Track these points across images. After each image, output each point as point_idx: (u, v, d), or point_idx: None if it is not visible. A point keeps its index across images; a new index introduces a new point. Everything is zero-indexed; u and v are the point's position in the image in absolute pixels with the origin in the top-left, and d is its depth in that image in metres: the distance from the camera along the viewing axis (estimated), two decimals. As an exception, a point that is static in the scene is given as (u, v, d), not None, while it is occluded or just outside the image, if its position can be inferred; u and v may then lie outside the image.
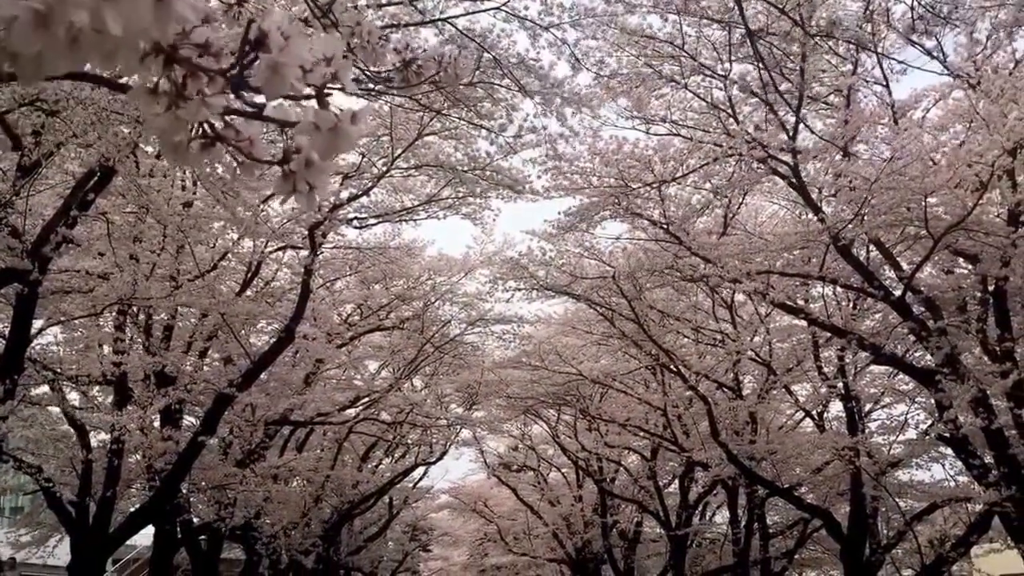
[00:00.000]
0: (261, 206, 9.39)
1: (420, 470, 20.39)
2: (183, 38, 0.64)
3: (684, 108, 10.82)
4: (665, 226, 10.78)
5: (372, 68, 2.05)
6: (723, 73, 9.30)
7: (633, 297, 12.00)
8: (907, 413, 12.85)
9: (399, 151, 10.23)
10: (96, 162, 6.44)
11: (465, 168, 10.76)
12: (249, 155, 0.82)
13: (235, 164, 0.84)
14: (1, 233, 6.24)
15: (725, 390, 13.25)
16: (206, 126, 0.75)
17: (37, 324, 9.10)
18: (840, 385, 11.33)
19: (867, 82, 9.39)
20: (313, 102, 0.79)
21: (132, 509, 11.15)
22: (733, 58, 9.06)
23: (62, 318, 9.98)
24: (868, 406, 13.27)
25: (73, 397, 10.87)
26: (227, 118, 0.77)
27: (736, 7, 5.59)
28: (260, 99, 0.82)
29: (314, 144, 0.81)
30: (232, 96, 0.75)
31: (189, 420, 12.05)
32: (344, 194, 10.68)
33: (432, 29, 8.18)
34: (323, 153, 0.83)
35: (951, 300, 8.98)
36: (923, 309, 8.71)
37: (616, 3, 8.43)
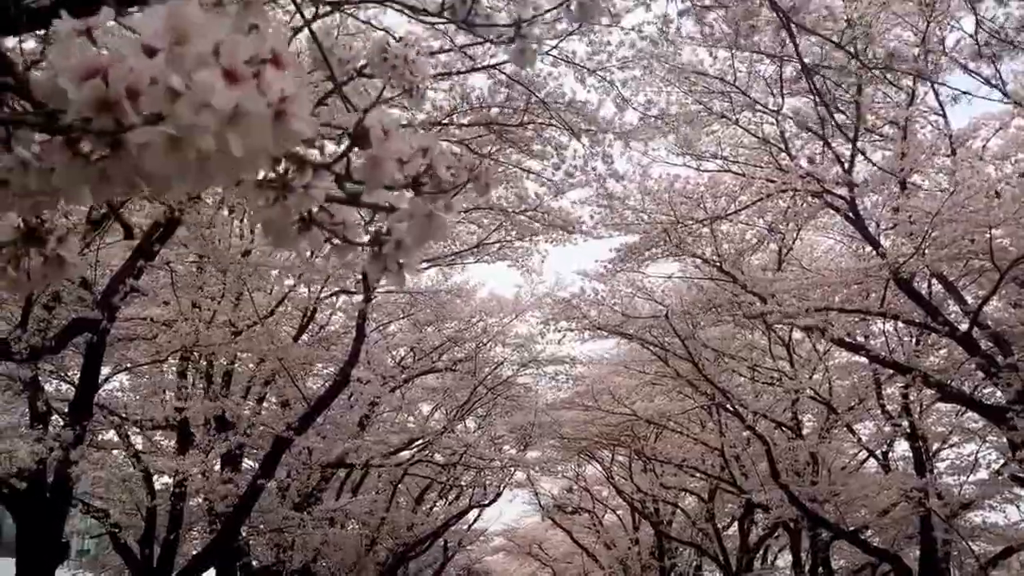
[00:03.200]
0: (315, 253, 9.50)
1: (474, 512, 20.28)
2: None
3: (735, 144, 10.80)
4: (718, 264, 10.72)
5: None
6: (775, 108, 9.27)
7: (687, 336, 11.88)
8: (978, 452, 12.49)
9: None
10: (162, 214, 6.59)
11: (515, 210, 10.81)
12: (344, 238, 0.84)
13: (329, 246, 0.87)
14: (73, 285, 6.39)
15: (784, 430, 13.02)
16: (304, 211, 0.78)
17: (104, 371, 9.29)
18: (905, 424, 11.07)
19: (923, 112, 9.30)
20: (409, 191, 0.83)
21: (194, 552, 11.22)
22: (785, 92, 9.03)
23: (128, 365, 10.21)
24: (936, 445, 12.92)
25: (137, 441, 11.07)
26: (325, 204, 0.80)
27: (791, 42, 5.57)
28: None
29: (409, 230, 0.84)
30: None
31: (248, 464, 12.15)
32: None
33: (483, 74, 8.29)
34: (416, 239, 0.85)
35: (1020, 335, 8.75)
36: (991, 344, 8.51)
37: (667, 44, 8.46)
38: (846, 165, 8.88)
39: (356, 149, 0.73)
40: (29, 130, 0.67)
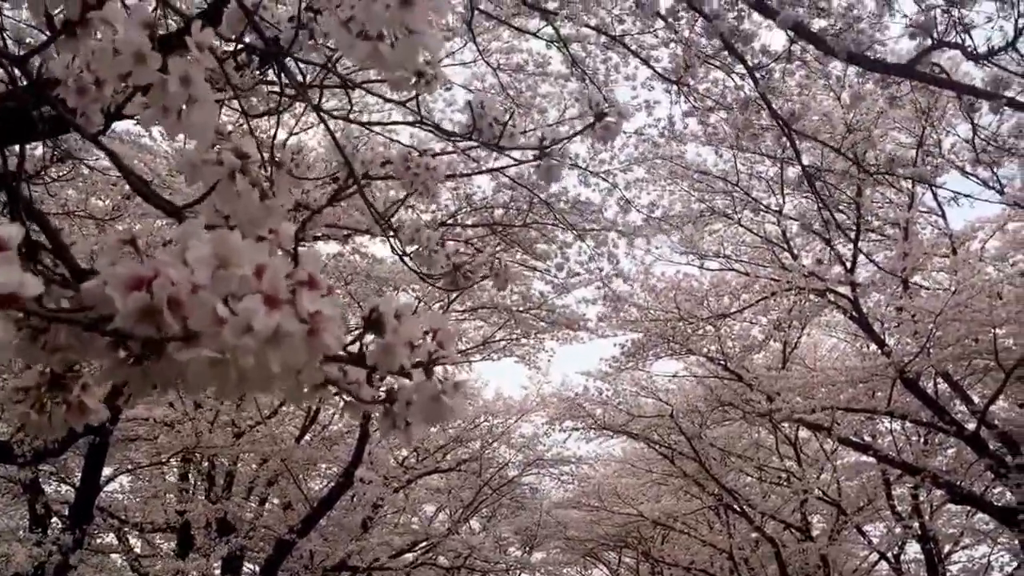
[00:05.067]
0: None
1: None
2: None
3: (738, 243, 10.92)
4: (723, 362, 10.72)
5: (427, 272, 2.18)
6: (777, 208, 9.41)
7: (693, 435, 11.81)
8: (990, 555, 12.27)
9: (455, 295, 10.38)
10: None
11: (520, 308, 10.86)
12: (357, 397, 0.88)
13: (342, 402, 0.91)
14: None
15: (793, 531, 12.80)
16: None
17: (105, 472, 9.22)
18: (916, 525, 10.89)
19: (923, 212, 9.43)
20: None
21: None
22: (787, 192, 9.18)
23: (130, 466, 10.13)
24: (947, 547, 12.68)
25: (137, 545, 10.90)
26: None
27: (791, 148, 5.69)
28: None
29: (414, 410, 0.87)
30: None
31: (249, 567, 11.93)
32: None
33: (487, 175, 8.46)
34: (424, 418, 0.89)
35: (1028, 434, 8.69)
36: (999, 444, 8.44)
37: (668, 143, 8.64)
38: (848, 265, 8.97)
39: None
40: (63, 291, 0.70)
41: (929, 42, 4.51)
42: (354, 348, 0.78)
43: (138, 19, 0.82)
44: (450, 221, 8.78)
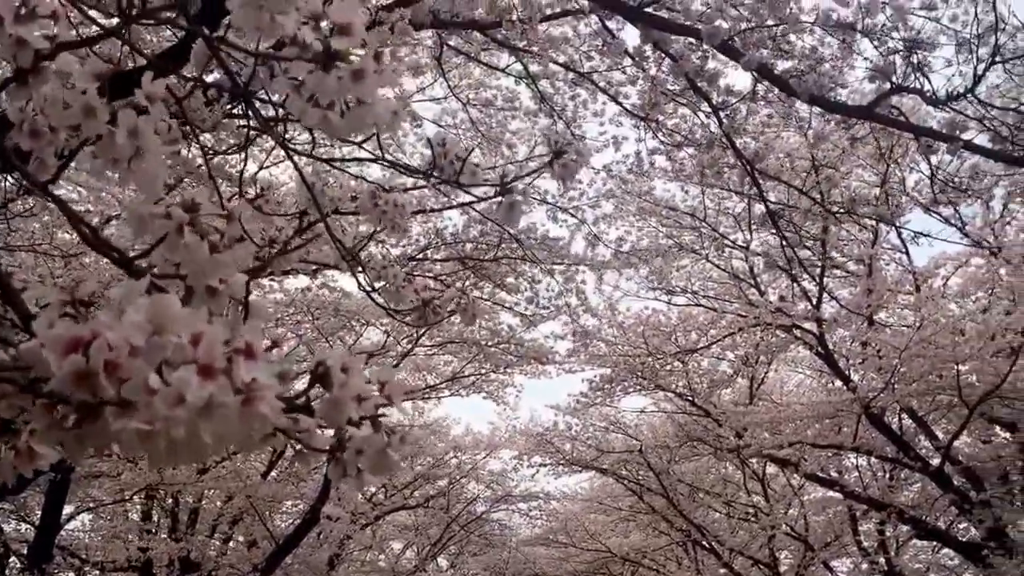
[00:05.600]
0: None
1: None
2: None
3: (705, 278, 11.00)
4: (691, 398, 10.76)
5: (394, 307, 2.18)
6: (744, 244, 9.50)
7: (661, 470, 11.81)
8: (956, 590, 12.31)
9: (423, 330, 10.36)
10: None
11: (489, 343, 10.86)
12: (307, 444, 0.88)
13: (293, 451, 0.91)
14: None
15: (761, 567, 12.79)
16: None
17: (66, 510, 9.05)
18: (882, 560, 10.92)
19: (887, 249, 9.56)
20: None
21: None
22: (754, 228, 9.27)
23: (91, 504, 9.94)
24: (914, 582, 12.74)
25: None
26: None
27: (755, 188, 5.76)
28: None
29: (363, 461, 0.88)
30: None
31: (211, 608, 11.72)
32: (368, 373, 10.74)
33: (458, 210, 8.48)
34: (371, 469, 0.89)
35: (992, 470, 8.77)
36: (963, 480, 8.51)
37: (637, 179, 8.70)
38: (814, 301, 9.06)
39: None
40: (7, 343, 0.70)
41: (888, 86, 4.60)
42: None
43: (90, 71, 0.82)
44: (420, 256, 8.78)
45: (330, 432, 0.85)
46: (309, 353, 10.09)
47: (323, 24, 0.85)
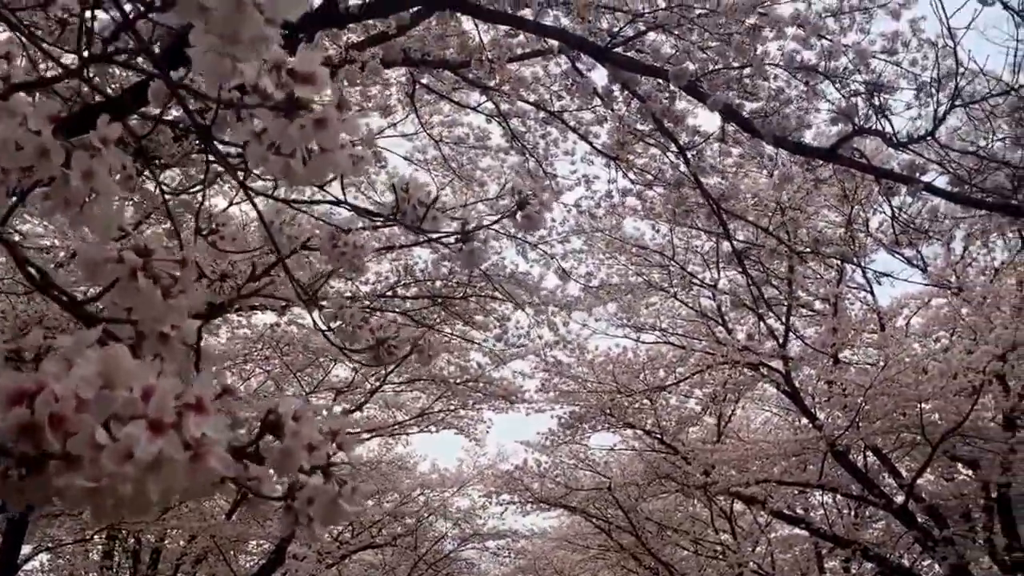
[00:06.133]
0: (254, 421, 9.37)
1: None
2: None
3: (673, 316, 11.06)
4: (659, 436, 10.78)
5: (351, 347, 2.18)
6: (711, 282, 9.58)
7: (629, 508, 11.79)
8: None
9: (391, 366, 10.32)
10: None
11: (458, 380, 10.83)
12: (256, 492, 0.88)
13: (242, 498, 0.91)
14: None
15: (730, 604, 12.76)
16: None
17: (24, 550, 8.84)
18: (848, 598, 10.96)
19: (852, 288, 9.68)
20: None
21: None
22: (722, 266, 9.36)
23: (50, 544, 9.72)
24: (879, 620, 12.75)
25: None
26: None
27: (722, 227, 5.83)
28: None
29: (314, 510, 0.87)
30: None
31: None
32: (336, 409, 10.66)
33: (427, 247, 8.48)
34: (322, 519, 0.89)
35: (955, 508, 8.84)
36: (927, 517, 8.57)
37: (608, 215, 8.76)
38: (780, 339, 9.14)
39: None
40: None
41: (850, 128, 4.68)
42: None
43: (44, 113, 0.82)
44: (389, 292, 8.75)
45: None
46: (277, 389, 10.01)
47: (285, 73, 0.85)
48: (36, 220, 6.98)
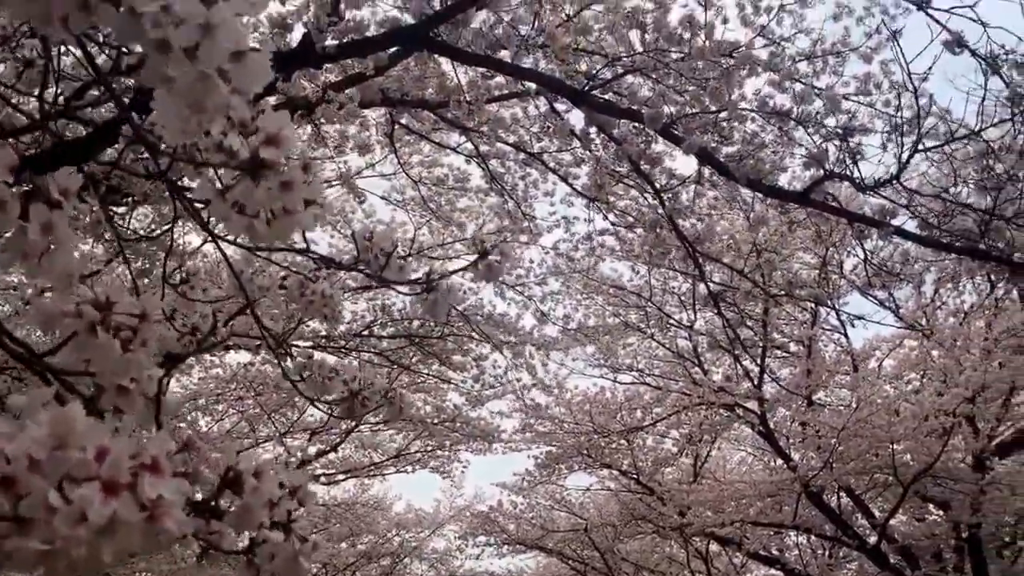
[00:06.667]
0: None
1: None
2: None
3: (650, 356, 11.08)
4: (636, 476, 10.75)
5: (322, 399, 2.18)
6: (688, 323, 9.62)
7: (606, 549, 11.73)
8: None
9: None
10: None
11: (435, 421, 10.78)
12: (216, 546, 0.88)
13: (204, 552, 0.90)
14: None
15: (706, 647, 12.67)
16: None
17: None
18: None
19: (826, 330, 9.75)
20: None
21: None
22: (698, 307, 9.40)
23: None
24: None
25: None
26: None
27: (697, 269, 5.88)
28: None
29: (277, 565, 0.87)
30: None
31: None
32: (311, 450, 10.60)
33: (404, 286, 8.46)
34: (283, 573, 0.88)
35: (926, 548, 8.85)
36: (899, 558, 8.58)
37: (587, 256, 8.80)
38: (756, 381, 9.18)
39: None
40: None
41: (822, 172, 4.75)
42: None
43: (2, 163, 0.81)
44: (366, 332, 8.73)
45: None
46: (251, 430, 9.93)
47: (252, 133, 0.87)
48: None
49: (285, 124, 0.86)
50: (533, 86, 5.34)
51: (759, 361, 9.21)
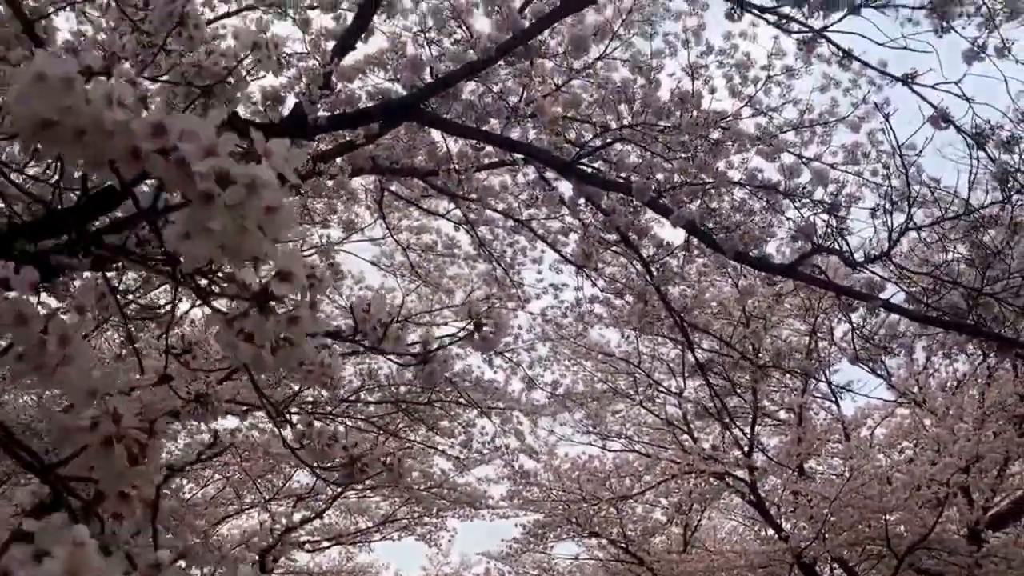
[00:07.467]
0: (211, 530, 9.15)
1: None
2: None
3: (639, 423, 11.02)
4: (624, 545, 10.61)
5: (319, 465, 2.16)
6: (677, 390, 9.58)
7: (595, 620, 11.53)
8: None
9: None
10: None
11: (422, 487, 10.67)
12: None
13: None
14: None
15: None
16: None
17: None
18: None
19: (816, 398, 9.72)
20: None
21: None
22: (687, 373, 9.37)
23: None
24: None
25: None
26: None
27: (685, 339, 5.88)
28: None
29: None
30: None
31: None
32: (297, 516, 10.44)
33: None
34: None
35: (923, 622, 8.73)
36: (896, 633, 8.44)
37: (575, 323, 8.79)
38: (746, 449, 9.11)
39: None
40: None
41: (810, 246, 4.77)
42: None
43: (26, 278, 0.83)
44: (353, 398, 8.66)
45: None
46: (236, 496, 9.79)
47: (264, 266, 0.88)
48: None
49: (298, 263, 0.87)
50: (520, 157, 5.37)
51: (749, 429, 9.16)
